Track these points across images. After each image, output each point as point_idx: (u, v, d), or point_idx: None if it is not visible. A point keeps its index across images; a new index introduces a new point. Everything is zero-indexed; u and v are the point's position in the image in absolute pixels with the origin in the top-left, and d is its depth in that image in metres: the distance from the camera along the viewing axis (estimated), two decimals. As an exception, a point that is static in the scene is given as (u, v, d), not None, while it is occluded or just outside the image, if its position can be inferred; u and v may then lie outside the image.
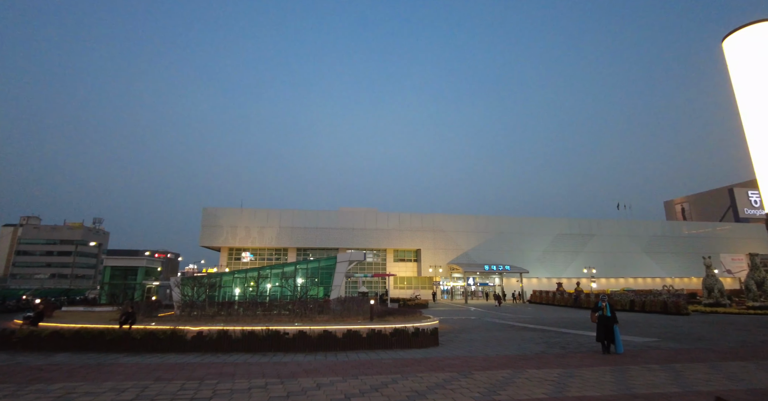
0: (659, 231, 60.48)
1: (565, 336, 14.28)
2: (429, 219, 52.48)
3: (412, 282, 52.03)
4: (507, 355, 9.88)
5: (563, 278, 52.69)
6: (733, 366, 8.40)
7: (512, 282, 52.06)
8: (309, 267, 30.24)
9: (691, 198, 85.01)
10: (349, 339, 11.49)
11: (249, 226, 49.16)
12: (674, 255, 59.12)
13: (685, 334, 14.50)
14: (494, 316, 25.59)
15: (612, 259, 56.40)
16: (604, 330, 10.14)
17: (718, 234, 63.17)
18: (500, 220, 55.08)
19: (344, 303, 20.78)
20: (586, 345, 11.55)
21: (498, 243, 53.11)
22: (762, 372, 7.80)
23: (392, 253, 52.13)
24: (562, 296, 40.46)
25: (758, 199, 70.71)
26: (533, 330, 16.45)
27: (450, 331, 16.09)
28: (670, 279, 57.25)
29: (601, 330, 10.21)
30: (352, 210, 54.42)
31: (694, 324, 18.91)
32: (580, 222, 57.81)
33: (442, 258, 50.86)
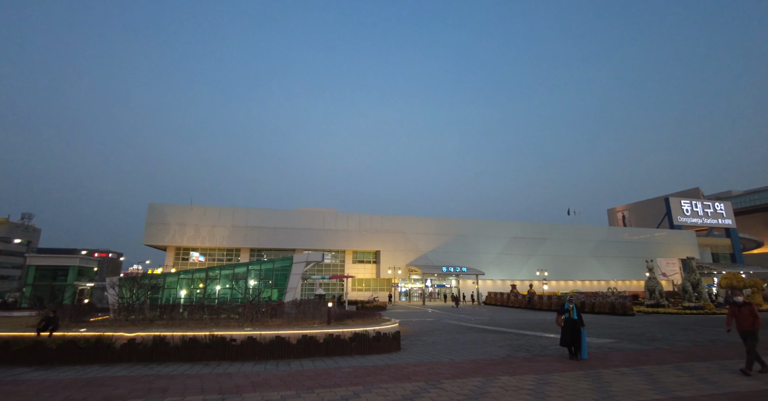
0: (604, 236, 63.86)
1: (525, 338, 14.11)
2: (389, 220, 52.06)
3: (370, 284, 51.31)
4: (474, 360, 9.36)
5: (517, 280, 54.15)
6: (698, 367, 8.40)
7: (468, 284, 52.79)
8: (262, 268, 28.64)
9: (631, 206, 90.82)
10: (305, 345, 10.51)
11: (199, 225, 46.27)
12: (617, 259, 62.63)
13: (639, 335, 14.82)
14: (453, 318, 25.41)
15: (562, 262, 58.77)
16: (570, 334, 9.55)
17: (655, 240, 67.75)
18: (459, 223, 55.73)
19: (300, 306, 19.63)
20: (549, 348, 11.33)
21: (456, 246, 53.67)
22: (727, 374, 7.79)
23: (351, 255, 51.15)
24: (516, 298, 41.37)
25: (689, 208, 76.82)
26: (493, 332, 16.23)
27: (411, 334, 15.50)
28: (613, 281, 60.55)
29: (567, 334, 9.61)
30: (311, 210, 52.90)
31: (642, 324, 19.63)
32: (534, 226, 59.80)
33: (402, 260, 50.58)
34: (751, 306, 8.01)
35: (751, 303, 8.11)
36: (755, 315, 7.88)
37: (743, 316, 7.93)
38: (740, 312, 8.02)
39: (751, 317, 7.87)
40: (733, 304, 8.31)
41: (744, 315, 7.94)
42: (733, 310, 8.21)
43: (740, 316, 7.99)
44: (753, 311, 7.95)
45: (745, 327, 7.89)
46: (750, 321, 7.85)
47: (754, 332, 7.82)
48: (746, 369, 7.71)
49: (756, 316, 7.84)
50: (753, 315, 7.88)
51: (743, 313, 7.95)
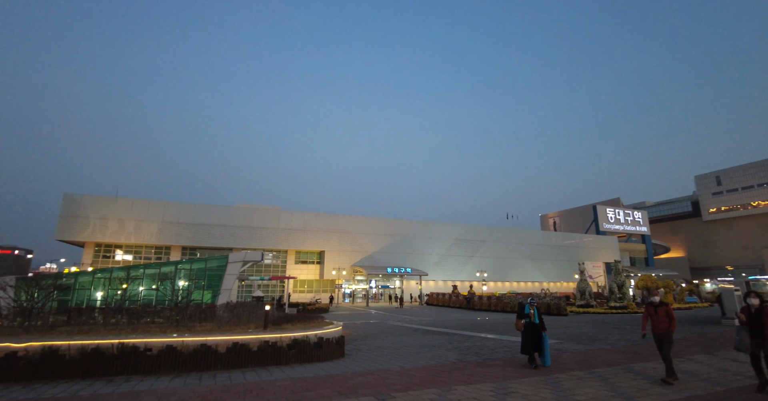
0: (539, 240, 67.43)
1: (471, 339, 13.85)
2: (335, 220, 50.80)
3: (313, 285, 49.67)
4: (425, 366, 8.70)
5: (458, 281, 55.33)
6: (646, 367, 8.43)
7: (412, 285, 53.01)
8: (194, 268, 26.24)
9: (561, 213, 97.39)
10: (236, 354, 9.23)
11: (124, 219, 41.83)
12: (550, 262, 66.40)
13: (578, 334, 15.18)
14: (397, 319, 24.93)
15: (500, 264, 61.08)
16: (532, 340, 8.67)
17: (583, 244, 72.84)
18: (405, 224, 55.85)
19: (234, 310, 17.99)
20: (497, 351, 11.04)
21: (402, 246, 53.68)
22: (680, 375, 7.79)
23: (294, 255, 49.17)
24: (457, 298, 42.07)
25: (613, 216, 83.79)
26: (439, 334, 15.87)
27: (355, 338, 14.64)
28: (546, 283, 64.08)
29: (528, 339, 8.69)
30: (252, 206, 50.12)
31: (577, 324, 20.41)
32: (475, 228, 61.60)
33: (347, 261, 49.53)
34: (667, 307, 7.61)
35: (668, 303, 7.70)
36: (671, 316, 7.54)
37: (659, 317, 7.55)
38: (656, 313, 7.62)
39: (667, 318, 7.50)
40: (649, 305, 7.92)
41: (660, 316, 7.55)
42: (649, 311, 7.85)
43: (656, 317, 7.60)
44: (669, 312, 7.56)
45: (661, 329, 7.47)
46: (666, 322, 7.47)
47: (670, 334, 7.45)
48: (668, 379, 7.15)
49: (672, 317, 7.52)
50: (669, 317, 7.52)
51: (659, 314, 7.56)
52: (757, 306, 6.61)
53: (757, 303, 6.63)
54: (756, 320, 6.53)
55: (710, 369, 8.29)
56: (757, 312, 6.58)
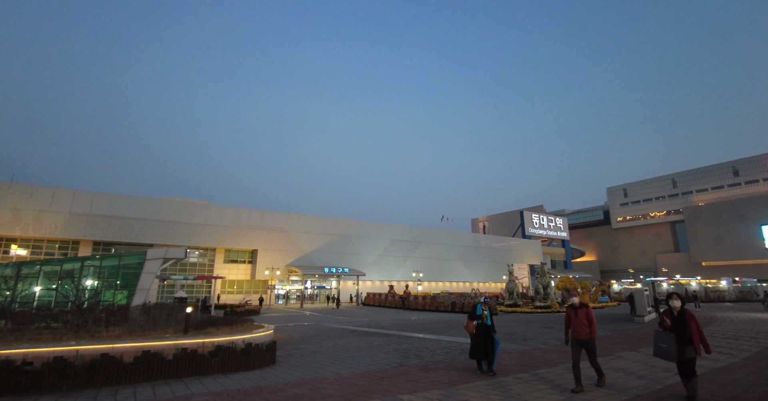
0: (471, 242, 70.27)
1: (410, 340, 13.57)
2: (270, 217, 48.52)
3: (243, 285, 46.93)
4: (364, 373, 8.11)
5: (394, 281, 55.71)
6: (585, 367, 8.58)
7: (349, 285, 52.32)
8: (104, 265, 23.28)
9: (491, 217, 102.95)
10: (146, 364, 7.91)
11: (20, 208, 36.17)
12: (480, 263, 69.45)
13: (512, 334, 15.58)
14: (333, 320, 24.14)
15: (435, 264, 62.62)
16: (483, 344, 7.99)
17: (511, 247, 77.24)
18: (344, 223, 55.04)
19: (150, 312, 16.02)
20: (438, 352, 10.80)
21: (339, 246, 52.78)
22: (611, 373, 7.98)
23: (223, 253, 46.10)
24: (393, 298, 42.20)
25: (538, 221, 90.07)
26: (376, 335, 15.42)
27: (288, 342, 13.67)
28: (476, 283, 66.90)
29: (480, 344, 8.00)
30: (177, 200, 46.18)
31: (509, 323, 21.16)
32: (412, 229, 62.57)
33: (281, 260, 47.50)
34: (587, 309, 7.02)
35: (588, 305, 7.16)
36: (591, 319, 6.95)
37: (579, 321, 6.94)
38: (576, 315, 7.01)
39: (587, 322, 6.91)
40: (570, 307, 7.28)
41: (580, 319, 6.94)
42: (569, 314, 7.19)
43: (576, 321, 6.98)
44: (589, 314, 6.97)
45: (582, 334, 6.86)
46: (586, 327, 6.88)
47: (592, 342, 6.89)
48: (600, 382, 6.94)
49: (592, 321, 6.94)
50: (589, 320, 6.93)
51: (579, 317, 6.96)
52: (679, 309, 6.21)
53: (679, 306, 6.21)
54: (679, 324, 6.10)
55: (641, 367, 8.64)
56: (679, 316, 6.17)
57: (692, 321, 6.08)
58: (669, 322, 6.21)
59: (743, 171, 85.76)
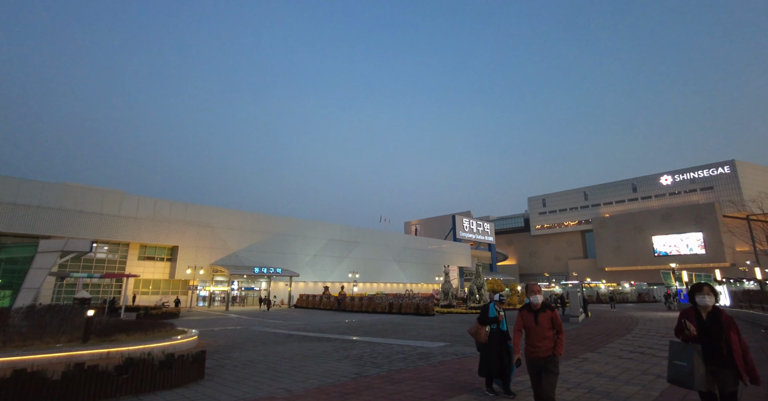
0: (406, 243, 70.87)
1: (357, 345, 12.46)
2: (195, 210, 44.26)
3: (161, 285, 42.16)
4: (319, 388, 6.79)
5: (328, 282, 54.02)
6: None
7: (280, 286, 49.61)
8: (-22, 259, 19.08)
9: (423, 221, 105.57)
10: (17, 389, 5.86)
11: None
12: (413, 265, 70.28)
13: (460, 336, 15.14)
14: (264, 324, 22.15)
15: (371, 265, 62.03)
16: (498, 356, 6.07)
17: (443, 250, 79.31)
18: (278, 221, 52.17)
19: (37, 316, 13.06)
20: (395, 359, 9.80)
21: (272, 245, 49.86)
22: (593, 379, 7.60)
23: (138, 249, 41.05)
24: (328, 300, 40.73)
25: (468, 225, 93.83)
26: (318, 340, 14.07)
27: (217, 349, 11.80)
28: (410, 284, 67.50)
29: (494, 356, 6.08)
30: (84, 187, 40.23)
31: (450, 324, 20.91)
32: (350, 229, 61.39)
33: (206, 258, 43.53)
34: (552, 313, 4.86)
35: (553, 308, 4.93)
36: (559, 327, 4.77)
37: (540, 329, 4.74)
38: (536, 323, 4.78)
39: (553, 331, 4.75)
40: (526, 309, 4.99)
41: (543, 327, 4.74)
42: (526, 320, 4.90)
43: (536, 330, 4.77)
44: (555, 320, 4.81)
45: (542, 350, 4.70)
46: (550, 339, 4.73)
47: (555, 360, 4.72)
48: None
49: (559, 329, 4.77)
50: (556, 328, 4.78)
51: (541, 323, 4.74)
52: (710, 309, 4.02)
53: (711, 305, 4.05)
54: (711, 332, 3.91)
55: (618, 370, 8.01)
56: (711, 320, 3.97)
57: (732, 329, 3.84)
58: (693, 329, 3.98)
59: (640, 188, 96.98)
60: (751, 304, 18.38)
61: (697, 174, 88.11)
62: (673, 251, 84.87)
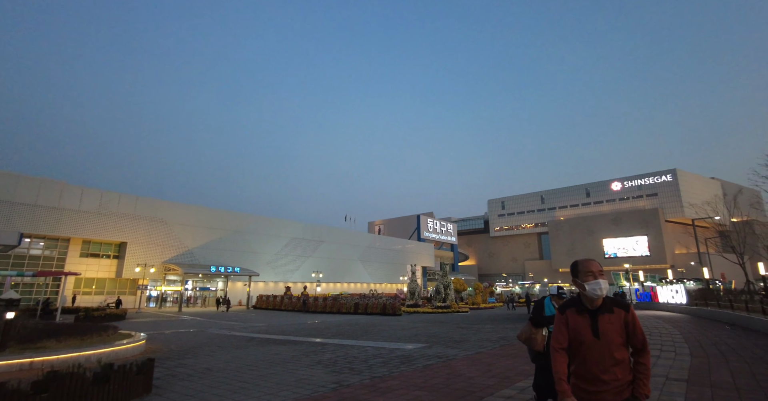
0: (370, 243, 70.07)
1: (327, 348, 11.47)
2: (146, 204, 41.07)
3: (106, 285, 38.66)
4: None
5: (290, 282, 52.15)
6: None
7: (238, 287, 47.21)
8: None
9: (387, 221, 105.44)
10: None
11: None
12: (378, 264, 69.61)
13: (434, 336, 14.49)
14: (222, 326, 20.53)
15: (335, 265, 60.65)
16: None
17: (407, 250, 79.24)
18: (237, 217, 49.63)
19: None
20: (373, 363, 8.91)
21: (231, 243, 47.33)
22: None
23: (80, 245, 37.43)
24: (290, 300, 39.16)
25: (432, 226, 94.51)
26: (283, 343, 12.92)
27: (168, 356, 10.39)
28: (374, 284, 66.73)
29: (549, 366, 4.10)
30: (18, 175, 36.13)
31: (421, 324, 20.25)
32: (314, 228, 59.72)
33: (157, 256, 40.48)
34: (628, 315, 2.54)
35: (628, 304, 2.65)
36: (641, 342, 2.50)
37: (606, 347, 2.48)
38: (597, 333, 2.51)
39: (627, 350, 2.56)
40: (569, 308, 2.66)
41: (610, 339, 2.48)
42: (576, 328, 2.57)
43: (595, 349, 2.50)
44: (634, 327, 2.51)
45: (612, 391, 2.44)
46: (624, 364, 2.50)
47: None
48: None
49: (643, 346, 2.51)
50: (635, 344, 2.52)
51: (607, 335, 2.49)
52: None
53: None
54: None
55: None
56: None
57: None
58: None
59: (593, 193, 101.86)
60: (707, 302, 19.15)
61: (643, 181, 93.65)
62: (622, 253, 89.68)
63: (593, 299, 2.56)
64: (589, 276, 2.59)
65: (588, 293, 2.56)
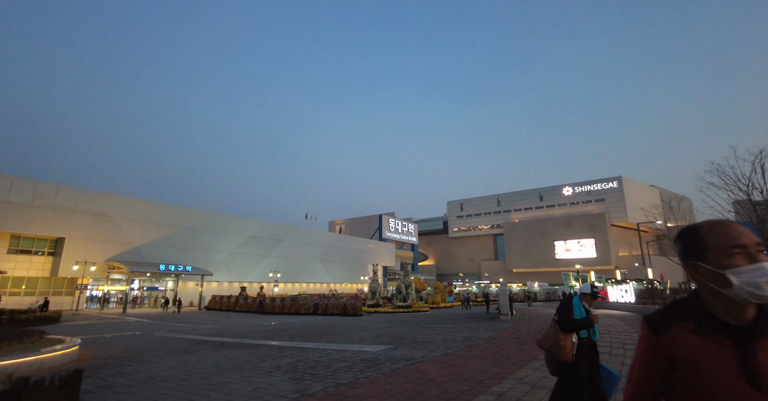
0: (331, 242, 69.06)
1: (286, 352, 10.79)
2: (89, 197, 37.86)
3: (39, 284, 35.13)
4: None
5: (246, 282, 50.20)
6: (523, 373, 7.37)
7: (190, 286, 44.70)
8: None
9: (348, 221, 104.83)
10: None
11: None
12: (338, 264, 68.73)
13: (398, 337, 14.12)
14: (170, 329, 19.11)
15: (294, 264, 59.10)
16: (591, 382, 3.70)
17: (368, 249, 78.91)
18: (190, 213, 47.00)
19: None
20: (337, 368, 8.37)
21: (182, 240, 44.73)
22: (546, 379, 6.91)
23: (8, 240, 33.80)
24: (245, 301, 37.57)
25: (394, 225, 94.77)
26: (239, 347, 12.06)
27: (105, 363, 9.29)
28: (333, 284, 65.76)
29: (584, 381, 3.66)
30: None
31: (383, 324, 19.86)
32: (273, 226, 57.88)
33: (100, 253, 37.42)
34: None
35: None
36: None
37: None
38: (755, 378, 1.08)
39: None
40: (692, 323, 1.21)
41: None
42: (707, 363, 1.14)
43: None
44: None
45: None
46: None
47: None
48: None
49: None
50: None
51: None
52: None
53: None
54: None
55: None
56: None
57: None
58: None
59: (546, 197, 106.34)
60: (654, 301, 20.24)
61: (592, 187, 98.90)
62: (571, 255, 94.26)
63: (747, 305, 1.19)
64: (737, 256, 1.19)
65: (741, 291, 1.16)
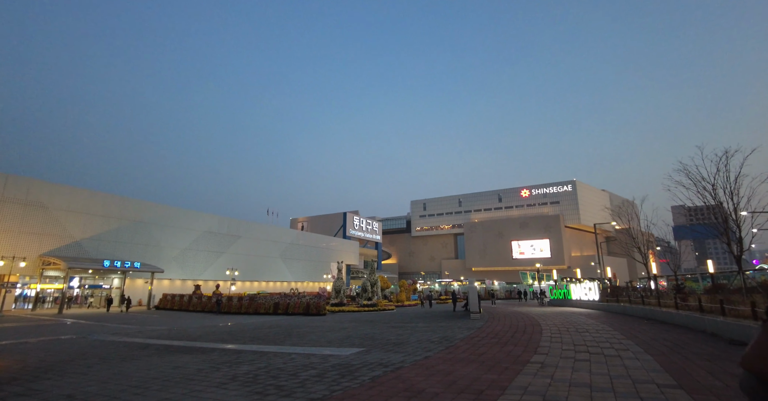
0: (293, 239, 66.93)
1: (246, 357, 9.57)
2: (20, 184, 33.93)
3: (-49, 281, 31.05)
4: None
5: (201, 280, 47.35)
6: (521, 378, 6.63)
7: (138, 284, 41.45)
8: None
9: (310, 218, 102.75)
10: None
11: None
12: (300, 262, 66.72)
13: (368, 337, 13.17)
14: (112, 331, 17.10)
15: (253, 262, 56.61)
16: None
17: (331, 247, 77.35)
18: (138, 205, 43.52)
19: None
20: (304, 377, 7.29)
21: (131, 235, 41.35)
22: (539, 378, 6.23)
23: None
24: (200, 300, 35.26)
25: (358, 223, 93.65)
26: (189, 352, 10.65)
27: (16, 376, 7.67)
28: (295, 283, 63.75)
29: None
30: None
31: (350, 324, 18.81)
32: (230, 221, 55.08)
33: (33, 248, 33.66)
34: None
35: None
36: None
37: None
38: None
39: None
40: None
41: None
42: None
43: None
44: None
45: None
46: None
47: None
48: None
49: None
50: None
51: None
52: None
53: None
54: None
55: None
56: None
57: None
58: None
59: (504, 198, 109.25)
60: (618, 298, 20.60)
61: (548, 189, 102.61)
62: (527, 255, 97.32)
63: None
64: None
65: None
